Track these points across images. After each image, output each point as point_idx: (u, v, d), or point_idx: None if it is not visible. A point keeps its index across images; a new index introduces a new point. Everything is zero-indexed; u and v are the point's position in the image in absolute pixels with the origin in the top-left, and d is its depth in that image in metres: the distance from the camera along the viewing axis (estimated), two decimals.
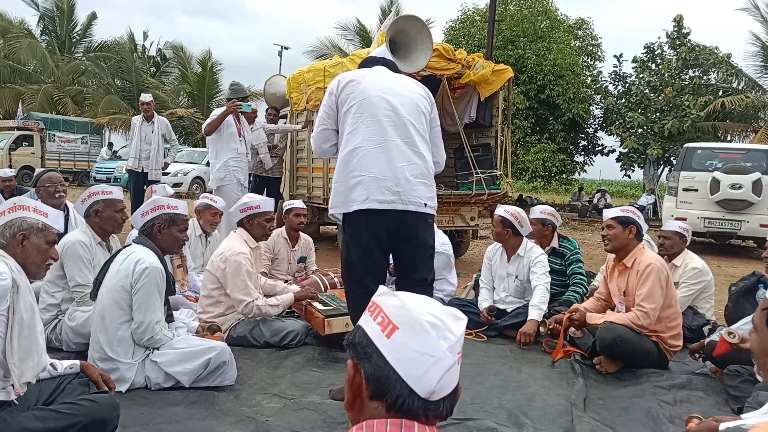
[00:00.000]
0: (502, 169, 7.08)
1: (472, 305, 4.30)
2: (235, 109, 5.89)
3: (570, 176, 21.11)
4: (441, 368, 0.95)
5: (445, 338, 0.96)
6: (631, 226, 3.51)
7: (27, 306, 2.04)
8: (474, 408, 2.84)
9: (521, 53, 18.05)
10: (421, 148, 2.80)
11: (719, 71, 17.82)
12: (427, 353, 0.95)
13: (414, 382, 0.95)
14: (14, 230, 2.11)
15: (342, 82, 2.88)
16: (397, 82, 2.90)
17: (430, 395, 0.95)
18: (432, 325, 0.96)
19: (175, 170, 15.68)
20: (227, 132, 5.91)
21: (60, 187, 4.30)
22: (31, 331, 2.06)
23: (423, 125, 2.85)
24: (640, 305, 3.36)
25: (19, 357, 1.98)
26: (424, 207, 2.78)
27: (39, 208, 2.22)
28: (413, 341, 0.96)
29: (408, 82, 2.94)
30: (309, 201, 8.08)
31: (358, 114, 2.79)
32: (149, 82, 25.77)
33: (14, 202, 2.20)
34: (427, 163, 2.82)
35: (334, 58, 8.39)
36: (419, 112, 2.85)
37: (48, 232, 2.19)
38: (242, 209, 3.81)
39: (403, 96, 2.83)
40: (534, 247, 4.30)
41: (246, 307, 3.58)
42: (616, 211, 3.62)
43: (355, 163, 2.77)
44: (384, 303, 1.01)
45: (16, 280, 1.99)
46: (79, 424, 2.01)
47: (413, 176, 2.74)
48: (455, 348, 0.97)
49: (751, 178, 9.39)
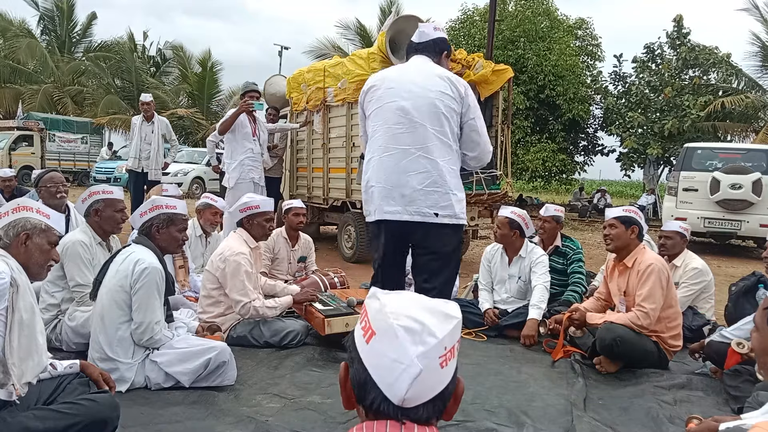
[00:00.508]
0: (502, 169, 7.08)
1: (473, 306, 4.30)
2: (247, 108, 5.95)
3: (570, 176, 21.12)
4: (409, 376, 0.91)
5: (422, 342, 0.92)
6: (633, 226, 3.51)
7: (27, 306, 2.04)
8: (474, 408, 2.84)
9: (522, 53, 18.05)
10: (436, 153, 2.69)
11: (719, 71, 17.82)
12: (397, 360, 0.92)
13: (387, 389, 0.93)
14: (18, 230, 2.12)
15: (365, 90, 2.92)
16: (419, 81, 2.76)
17: (402, 402, 0.93)
18: (407, 330, 0.92)
19: (175, 170, 15.69)
20: (242, 132, 5.99)
21: (62, 188, 4.30)
22: (31, 331, 2.06)
23: (443, 127, 2.72)
24: (641, 305, 3.36)
25: (19, 357, 1.98)
26: (434, 217, 2.69)
27: (42, 209, 2.23)
28: (386, 347, 0.93)
29: (432, 79, 2.76)
30: (309, 201, 8.09)
31: (373, 122, 2.84)
32: (149, 82, 25.78)
33: (18, 203, 2.21)
34: (441, 170, 2.69)
35: (334, 58, 8.39)
36: (437, 114, 2.71)
37: (50, 234, 2.21)
38: (242, 209, 3.81)
39: (420, 99, 2.71)
40: (535, 248, 4.31)
41: (243, 308, 3.58)
42: (619, 211, 3.61)
43: (369, 174, 2.83)
44: (368, 306, 0.99)
45: (16, 279, 1.99)
46: (79, 424, 2.01)
47: (423, 185, 2.67)
48: (433, 353, 0.92)
49: (751, 178, 9.39)
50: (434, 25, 2.96)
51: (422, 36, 2.89)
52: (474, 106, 2.81)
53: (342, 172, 7.33)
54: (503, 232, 4.23)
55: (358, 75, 6.59)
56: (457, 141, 2.80)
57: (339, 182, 7.46)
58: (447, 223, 2.73)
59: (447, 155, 2.73)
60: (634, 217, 3.55)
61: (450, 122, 2.74)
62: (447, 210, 2.72)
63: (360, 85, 6.60)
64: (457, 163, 2.81)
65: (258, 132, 6.14)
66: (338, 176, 7.48)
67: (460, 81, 2.81)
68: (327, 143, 7.63)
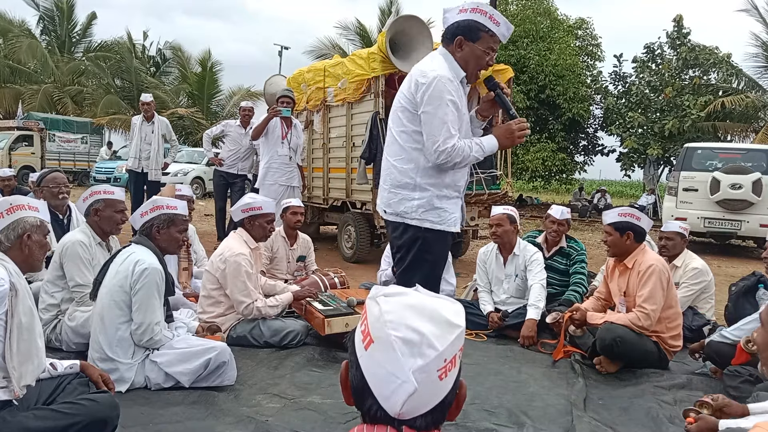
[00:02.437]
0: (502, 169, 7.08)
1: (473, 306, 4.30)
2: (275, 115, 6.40)
3: (570, 176, 21.13)
4: (404, 392, 0.88)
5: (421, 355, 0.88)
6: (627, 232, 3.48)
7: (26, 309, 2.04)
8: (474, 408, 2.84)
9: (523, 53, 18.05)
10: (390, 151, 2.68)
11: (719, 71, 17.82)
12: (393, 373, 0.88)
13: (383, 401, 0.90)
14: (18, 231, 2.14)
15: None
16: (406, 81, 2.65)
17: (398, 416, 0.90)
18: (406, 342, 0.88)
19: (175, 170, 15.68)
20: (272, 136, 6.48)
21: (64, 189, 4.28)
22: (30, 335, 2.06)
23: (403, 125, 2.61)
24: (642, 307, 3.35)
25: (19, 360, 1.99)
26: (384, 213, 2.74)
27: (31, 203, 2.25)
28: (383, 358, 0.89)
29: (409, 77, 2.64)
30: (309, 201, 8.09)
31: None
32: (149, 82, 25.76)
33: (10, 202, 2.20)
34: (395, 168, 2.64)
35: (334, 58, 8.39)
36: (396, 115, 2.65)
37: (44, 226, 2.26)
38: (244, 209, 3.81)
39: (396, 100, 2.68)
40: (527, 245, 4.32)
41: (246, 309, 3.59)
42: (614, 216, 3.55)
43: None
44: (368, 309, 0.95)
45: (15, 284, 1.99)
46: (79, 424, 2.01)
47: (384, 183, 2.72)
48: (431, 366, 0.88)
49: (751, 178, 9.39)
50: (460, 6, 2.58)
51: (444, 23, 2.62)
52: (429, 97, 2.49)
53: (342, 172, 7.33)
54: (505, 228, 4.24)
55: (358, 75, 6.59)
56: (414, 140, 2.60)
57: (339, 182, 7.46)
58: (390, 221, 2.72)
59: (405, 152, 2.61)
60: (629, 221, 3.49)
61: (408, 118, 2.58)
62: (394, 207, 2.66)
63: (360, 85, 6.64)
64: (411, 161, 2.61)
65: (289, 136, 6.52)
66: (338, 176, 7.48)
67: (423, 75, 2.52)
68: (327, 143, 7.63)
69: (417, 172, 2.61)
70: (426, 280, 2.65)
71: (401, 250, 2.73)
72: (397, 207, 2.66)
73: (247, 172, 7.79)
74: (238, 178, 7.69)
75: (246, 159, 7.69)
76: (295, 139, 6.57)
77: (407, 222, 2.65)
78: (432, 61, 2.59)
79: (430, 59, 2.64)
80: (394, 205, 2.67)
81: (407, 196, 2.63)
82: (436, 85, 2.48)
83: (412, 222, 2.64)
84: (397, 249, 2.76)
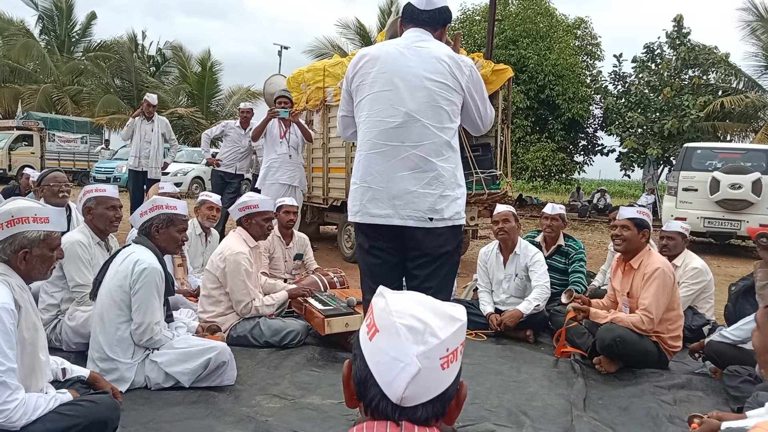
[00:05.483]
0: (501, 169, 7.07)
1: (473, 306, 4.30)
2: (273, 116, 6.43)
3: (569, 176, 21.14)
4: (407, 374, 0.91)
5: (424, 342, 0.92)
6: (645, 230, 3.49)
7: (29, 325, 2.04)
8: (474, 408, 2.84)
9: (523, 53, 18.06)
10: (429, 149, 2.35)
11: (718, 71, 17.83)
12: (397, 358, 0.92)
13: (386, 387, 0.93)
14: (15, 247, 2.05)
15: (357, 65, 2.47)
16: (415, 65, 2.36)
17: (400, 401, 0.93)
18: (410, 329, 0.93)
19: (175, 170, 15.67)
20: (270, 136, 6.53)
21: (64, 188, 4.30)
22: (33, 349, 2.06)
23: (439, 116, 2.36)
24: (647, 311, 3.33)
25: (23, 374, 1.99)
26: (428, 222, 2.36)
27: (39, 215, 2.09)
28: (388, 345, 0.93)
29: (429, 61, 2.36)
30: (309, 201, 8.08)
31: (364, 111, 2.44)
32: (149, 82, 25.75)
33: (11, 215, 2.04)
34: (437, 169, 2.36)
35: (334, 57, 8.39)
36: (433, 107, 2.35)
37: (51, 240, 2.12)
38: (241, 208, 3.81)
39: (416, 88, 2.34)
40: (528, 245, 4.32)
41: (245, 308, 3.60)
42: (633, 212, 3.53)
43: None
44: (374, 304, 1.00)
45: (18, 300, 1.98)
46: (79, 425, 2.01)
47: (417, 186, 2.35)
48: (433, 353, 0.92)
49: (751, 178, 9.39)
50: None
51: (429, 3, 2.42)
52: (475, 82, 2.44)
53: (342, 172, 7.32)
54: (511, 224, 4.25)
55: None
56: (455, 135, 2.45)
57: (339, 182, 7.45)
58: (440, 227, 2.41)
59: (447, 152, 2.41)
60: (647, 221, 3.52)
61: (449, 111, 2.39)
62: (443, 213, 2.40)
63: None
64: (455, 161, 2.46)
65: (288, 136, 6.55)
66: (338, 176, 7.47)
67: (465, 62, 2.41)
68: (327, 143, 7.62)
69: (457, 168, 2.46)
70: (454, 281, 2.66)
71: (442, 258, 2.45)
72: (446, 212, 2.39)
73: (244, 172, 7.80)
74: (236, 177, 7.70)
75: (244, 159, 7.70)
76: (294, 137, 6.56)
77: (455, 224, 2.43)
78: (447, 47, 2.48)
79: (445, 49, 2.46)
80: (442, 211, 2.38)
81: (452, 195, 2.41)
82: None
83: (457, 223, 2.44)
84: (437, 257, 2.44)
